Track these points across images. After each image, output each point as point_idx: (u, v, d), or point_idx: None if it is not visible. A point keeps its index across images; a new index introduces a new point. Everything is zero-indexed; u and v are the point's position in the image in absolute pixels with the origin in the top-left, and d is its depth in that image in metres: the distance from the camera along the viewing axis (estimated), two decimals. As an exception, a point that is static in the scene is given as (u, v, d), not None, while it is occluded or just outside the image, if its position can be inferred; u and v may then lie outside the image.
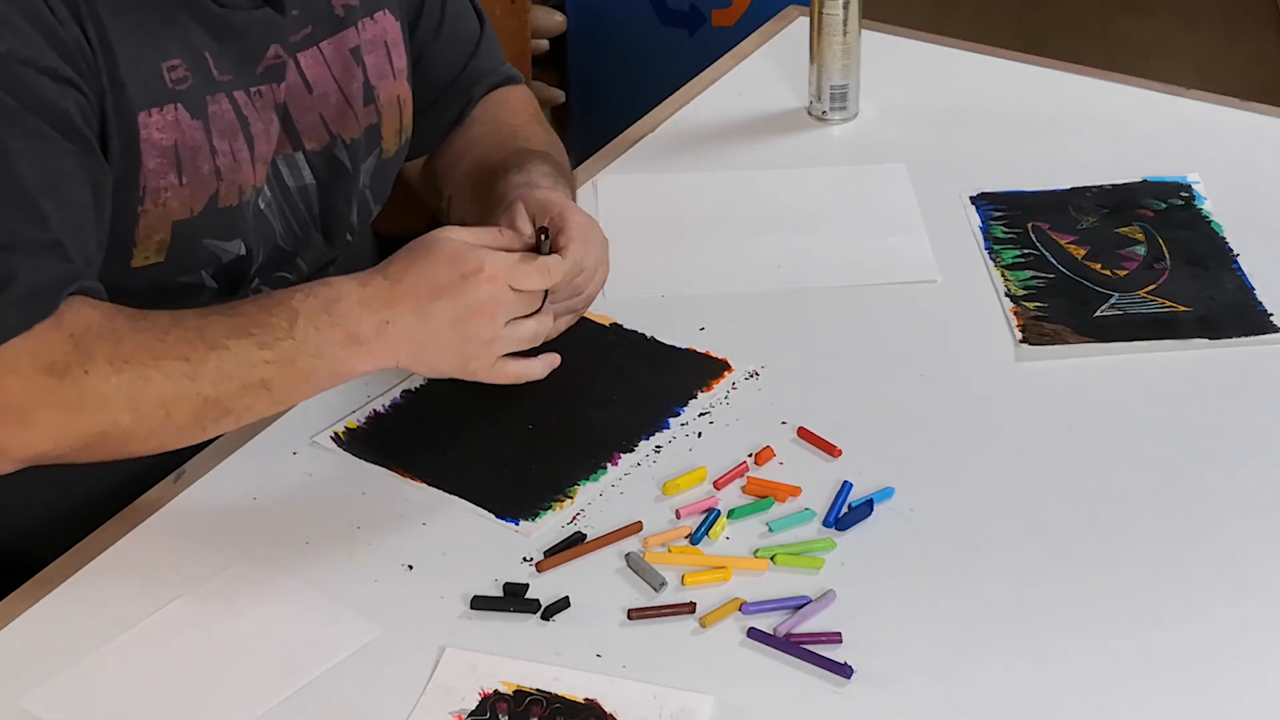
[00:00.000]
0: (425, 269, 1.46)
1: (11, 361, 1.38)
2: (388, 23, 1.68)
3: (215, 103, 1.53)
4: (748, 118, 2.07)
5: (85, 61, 1.44)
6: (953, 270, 1.80)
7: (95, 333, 1.40)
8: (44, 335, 1.39)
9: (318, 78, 1.61)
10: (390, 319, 1.44)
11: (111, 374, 1.39)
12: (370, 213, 1.73)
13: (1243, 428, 1.60)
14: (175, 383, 1.40)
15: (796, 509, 1.50)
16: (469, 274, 1.46)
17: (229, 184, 1.55)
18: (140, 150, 1.49)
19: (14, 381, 1.38)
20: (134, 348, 1.40)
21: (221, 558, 1.46)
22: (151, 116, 1.49)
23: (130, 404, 1.40)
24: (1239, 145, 2.00)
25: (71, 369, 1.39)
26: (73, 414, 1.39)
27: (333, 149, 1.64)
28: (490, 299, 1.46)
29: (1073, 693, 1.34)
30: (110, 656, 1.37)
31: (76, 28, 1.44)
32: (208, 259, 1.56)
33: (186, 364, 1.40)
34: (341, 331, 1.44)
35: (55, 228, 1.41)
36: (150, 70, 1.48)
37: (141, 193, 1.50)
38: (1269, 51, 4.08)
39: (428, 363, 1.49)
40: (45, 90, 1.41)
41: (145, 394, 1.40)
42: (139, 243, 1.51)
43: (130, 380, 1.39)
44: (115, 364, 1.39)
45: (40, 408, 1.39)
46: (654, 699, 1.33)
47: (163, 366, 1.40)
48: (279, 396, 1.45)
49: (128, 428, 1.41)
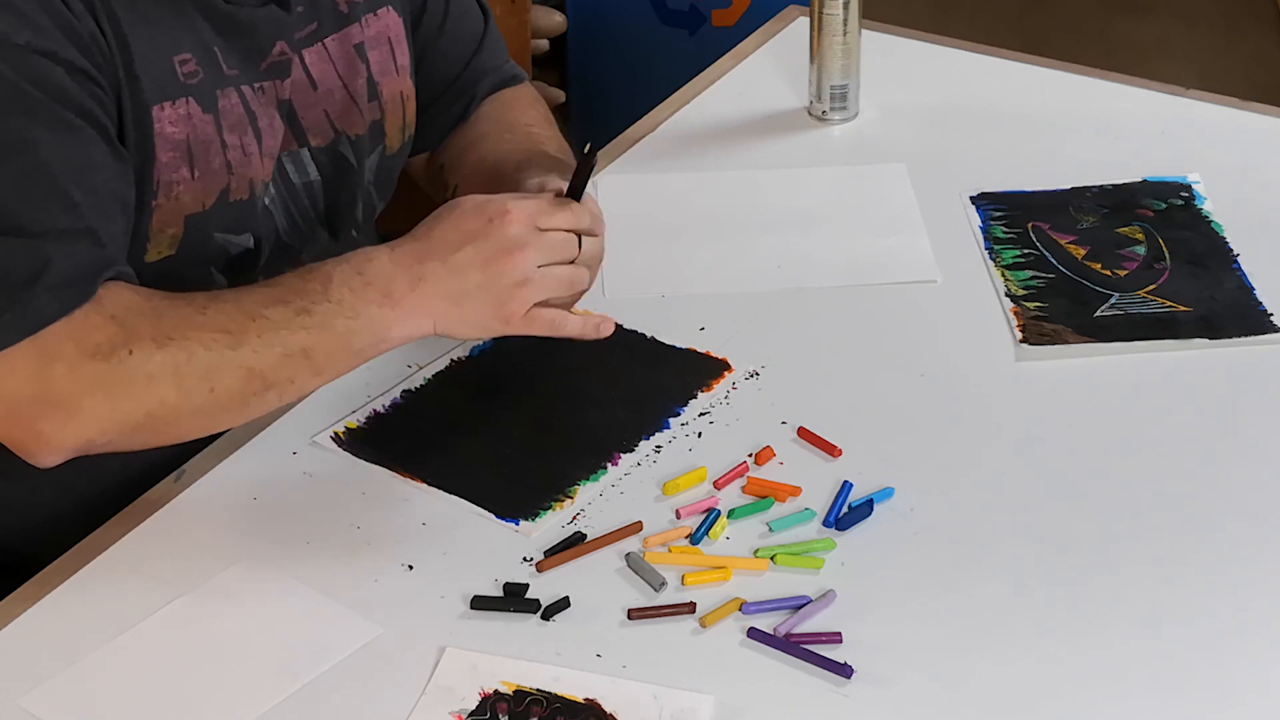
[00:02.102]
0: (451, 221, 1.46)
1: (55, 348, 1.38)
2: (391, 19, 1.68)
3: (225, 97, 1.53)
4: (748, 118, 2.07)
5: (101, 55, 1.45)
6: (953, 270, 1.80)
7: (136, 312, 1.41)
8: (86, 319, 1.39)
9: (322, 74, 1.61)
10: (422, 275, 1.44)
11: (155, 351, 1.39)
12: (375, 209, 1.73)
13: (1243, 428, 1.60)
14: (218, 354, 1.40)
15: (796, 509, 1.50)
16: (494, 217, 1.45)
17: (239, 178, 1.55)
18: (154, 144, 1.49)
19: (59, 368, 1.38)
20: (175, 322, 1.40)
21: (221, 558, 1.46)
22: (164, 110, 1.49)
23: (175, 379, 1.39)
24: (1239, 145, 2.00)
25: (116, 349, 1.38)
26: (119, 396, 1.39)
27: (338, 145, 1.64)
28: (518, 239, 1.45)
29: (1073, 692, 1.34)
30: (110, 656, 1.37)
31: (91, 21, 1.44)
32: (217, 253, 1.56)
33: (228, 335, 1.40)
34: (375, 290, 1.43)
35: (86, 214, 1.41)
36: (162, 64, 1.49)
37: (155, 187, 1.50)
38: (1269, 51, 4.08)
39: (463, 318, 1.46)
40: (65, 81, 1.41)
41: (189, 368, 1.39)
42: (153, 237, 1.52)
43: (174, 355, 1.39)
44: (158, 340, 1.39)
45: (86, 393, 1.38)
46: (654, 699, 1.33)
47: (205, 339, 1.40)
48: (320, 364, 1.44)
49: (174, 405, 1.40)
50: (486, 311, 1.46)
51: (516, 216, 1.45)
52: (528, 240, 1.45)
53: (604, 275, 1.76)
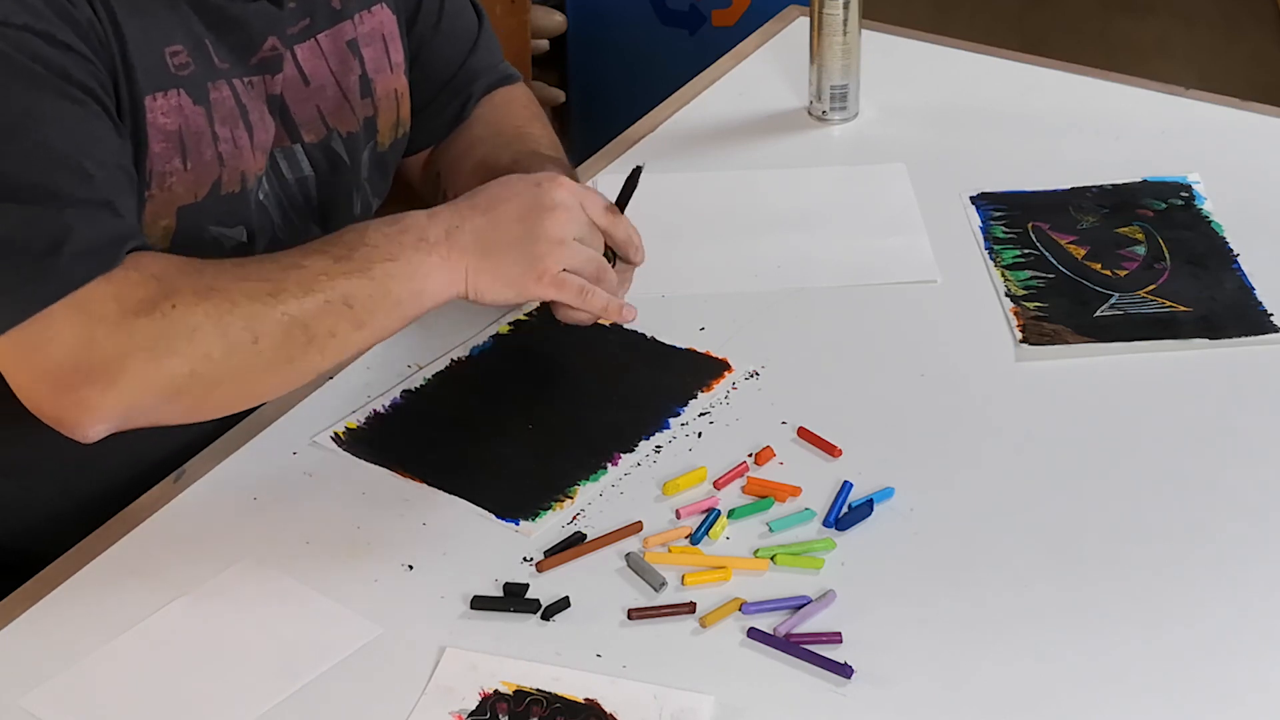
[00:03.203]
0: (497, 184, 1.48)
1: (99, 308, 1.37)
2: (384, 16, 1.68)
3: (217, 89, 1.53)
4: (748, 118, 2.07)
5: (98, 40, 1.45)
6: (953, 270, 1.80)
7: (176, 269, 1.41)
8: (126, 278, 1.39)
9: (314, 70, 1.62)
10: (459, 223, 1.45)
11: (197, 302, 1.39)
12: (371, 206, 1.73)
13: (1243, 428, 1.60)
14: (260, 304, 1.40)
15: (796, 509, 1.50)
16: (543, 181, 1.47)
17: (231, 170, 1.55)
18: (147, 134, 1.49)
19: (102, 329, 1.37)
20: (216, 275, 1.41)
21: (221, 558, 1.46)
22: (156, 100, 1.49)
23: (219, 330, 1.39)
24: (1239, 145, 2.00)
25: (159, 304, 1.38)
26: (163, 352, 1.38)
27: (330, 141, 1.64)
28: (563, 203, 1.46)
29: (1072, 692, 1.34)
30: (110, 656, 1.37)
31: (88, 8, 1.44)
32: (211, 246, 1.56)
33: (269, 283, 1.41)
34: (411, 235, 1.44)
35: (101, 186, 1.41)
36: (154, 55, 1.49)
37: (148, 177, 1.50)
38: (1269, 51, 4.08)
39: (495, 271, 1.46)
40: (65, 60, 1.41)
41: (233, 317, 1.39)
42: (146, 228, 1.52)
43: (217, 305, 1.39)
44: (200, 292, 1.39)
45: (130, 353, 1.37)
46: (654, 699, 1.33)
47: (246, 289, 1.40)
48: (361, 315, 1.43)
49: (219, 360, 1.39)
50: (519, 267, 1.46)
51: (565, 184, 1.47)
52: (570, 206, 1.47)
53: (604, 275, 1.76)
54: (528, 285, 1.47)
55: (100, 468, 1.49)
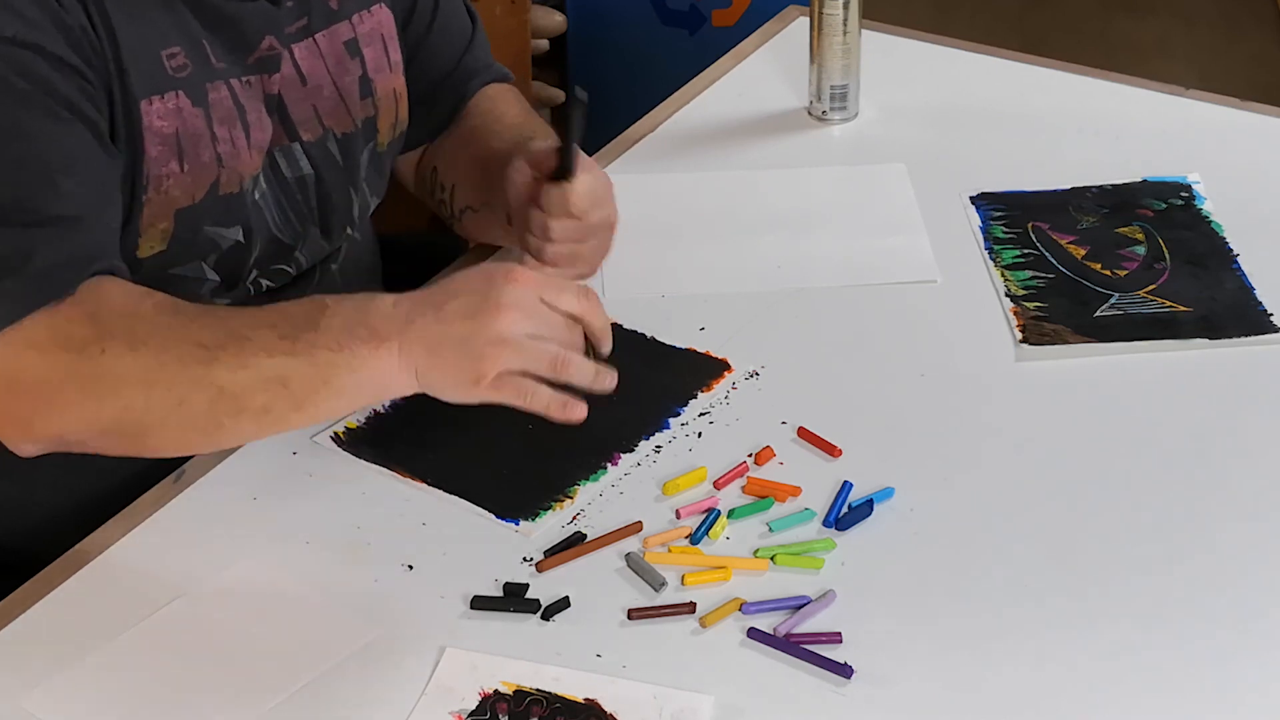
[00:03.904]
0: (459, 277, 1.39)
1: (31, 336, 1.38)
2: (383, 16, 1.68)
3: (215, 90, 1.53)
4: (748, 118, 2.07)
5: (91, 48, 1.45)
6: (953, 270, 1.80)
7: (116, 312, 1.40)
8: (65, 312, 1.38)
9: (312, 69, 1.62)
10: (413, 318, 1.36)
11: (126, 352, 1.37)
12: (369, 206, 1.73)
13: (1243, 428, 1.60)
14: (189, 368, 1.36)
15: (796, 509, 1.50)
16: (495, 274, 1.37)
17: (229, 171, 1.55)
18: (143, 138, 1.49)
19: (34, 356, 1.37)
20: (152, 329, 1.38)
21: (221, 558, 1.46)
22: (153, 104, 1.49)
23: (143, 385, 1.36)
24: (1239, 145, 2.00)
25: (89, 346, 1.37)
26: (89, 392, 1.38)
27: (325, 142, 1.64)
28: (511, 300, 1.35)
29: (1072, 692, 1.34)
30: (110, 656, 1.37)
31: (82, 14, 1.44)
32: (208, 246, 1.56)
33: (204, 350, 1.36)
34: (366, 329, 1.35)
35: (75, 205, 1.41)
36: (151, 58, 1.49)
37: (145, 181, 1.50)
38: (1269, 51, 4.08)
39: (439, 369, 1.36)
40: (52, 75, 1.41)
41: (159, 376, 1.36)
42: (144, 232, 1.52)
43: (145, 361, 1.36)
44: (131, 343, 1.37)
45: (61, 384, 1.38)
46: (654, 699, 1.33)
47: (179, 351, 1.36)
48: (299, 397, 1.37)
49: (141, 412, 1.37)
50: (459, 366, 1.36)
51: (520, 278, 1.37)
52: (522, 303, 1.36)
53: (604, 275, 1.76)
54: (466, 388, 1.37)
55: (100, 468, 1.48)
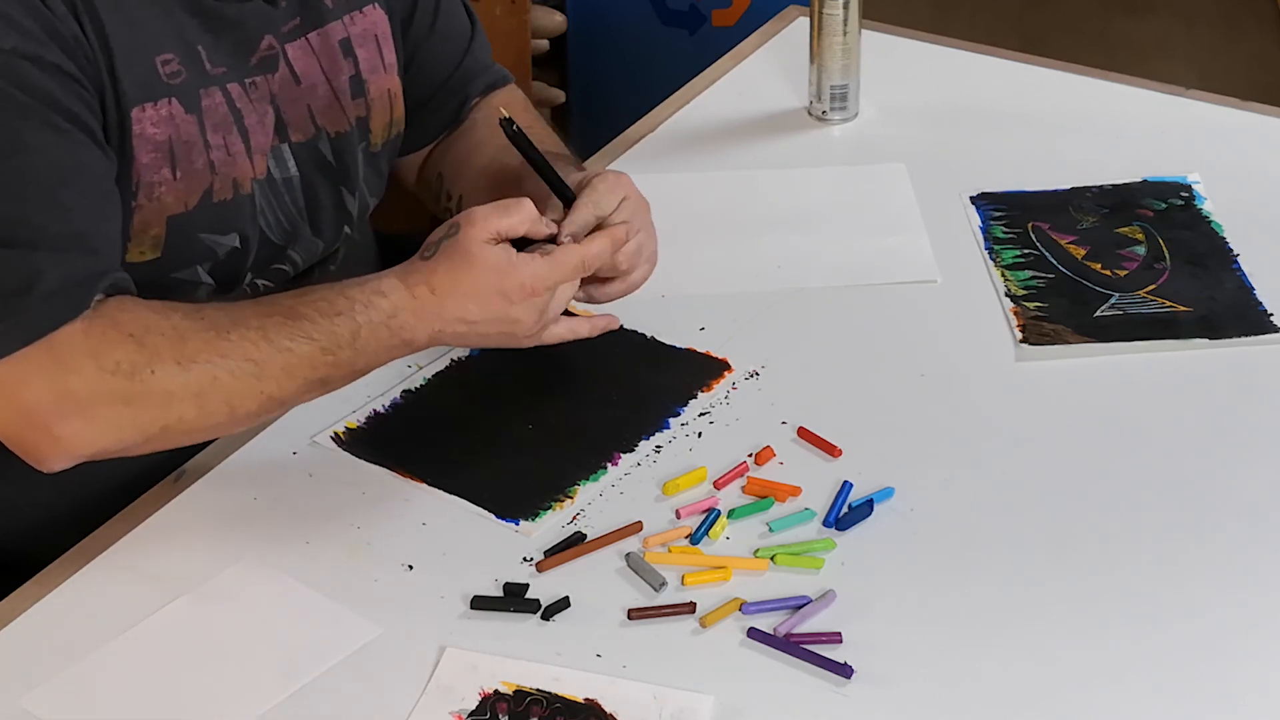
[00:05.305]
0: (468, 284, 1.47)
1: (69, 361, 1.38)
2: (377, 16, 1.68)
3: (209, 96, 1.53)
4: (748, 118, 2.07)
5: (85, 56, 1.45)
6: (953, 270, 1.80)
7: (156, 331, 1.41)
8: (103, 335, 1.39)
9: (306, 69, 1.61)
10: (441, 328, 1.48)
11: (179, 373, 1.41)
12: (368, 206, 1.73)
13: (1243, 428, 1.60)
14: (241, 381, 1.43)
15: (796, 509, 1.50)
16: (509, 292, 1.48)
17: (223, 178, 1.55)
18: (133, 146, 1.49)
19: (75, 379, 1.38)
20: (199, 346, 1.42)
21: (221, 558, 1.46)
22: (145, 111, 1.49)
23: (197, 400, 1.42)
24: (1239, 145, 2.00)
25: (139, 369, 1.40)
26: (138, 410, 1.40)
27: (316, 142, 1.64)
28: (530, 310, 1.49)
29: (1072, 692, 1.34)
30: (110, 656, 1.37)
31: (74, 22, 1.44)
32: (204, 254, 1.56)
33: (253, 365, 1.43)
34: (399, 340, 1.48)
35: (78, 219, 1.41)
36: (144, 65, 1.49)
37: (135, 188, 1.50)
38: (1269, 51, 4.08)
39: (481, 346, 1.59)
40: (51, 85, 1.41)
41: (212, 391, 1.42)
42: (134, 237, 1.52)
43: (198, 379, 1.41)
44: (182, 363, 1.41)
45: (106, 405, 1.39)
46: (654, 699, 1.33)
47: (230, 366, 1.42)
48: (333, 388, 1.50)
49: (192, 422, 1.43)
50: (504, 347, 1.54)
51: (530, 290, 1.49)
52: (540, 308, 1.50)
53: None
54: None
55: (100, 469, 1.48)
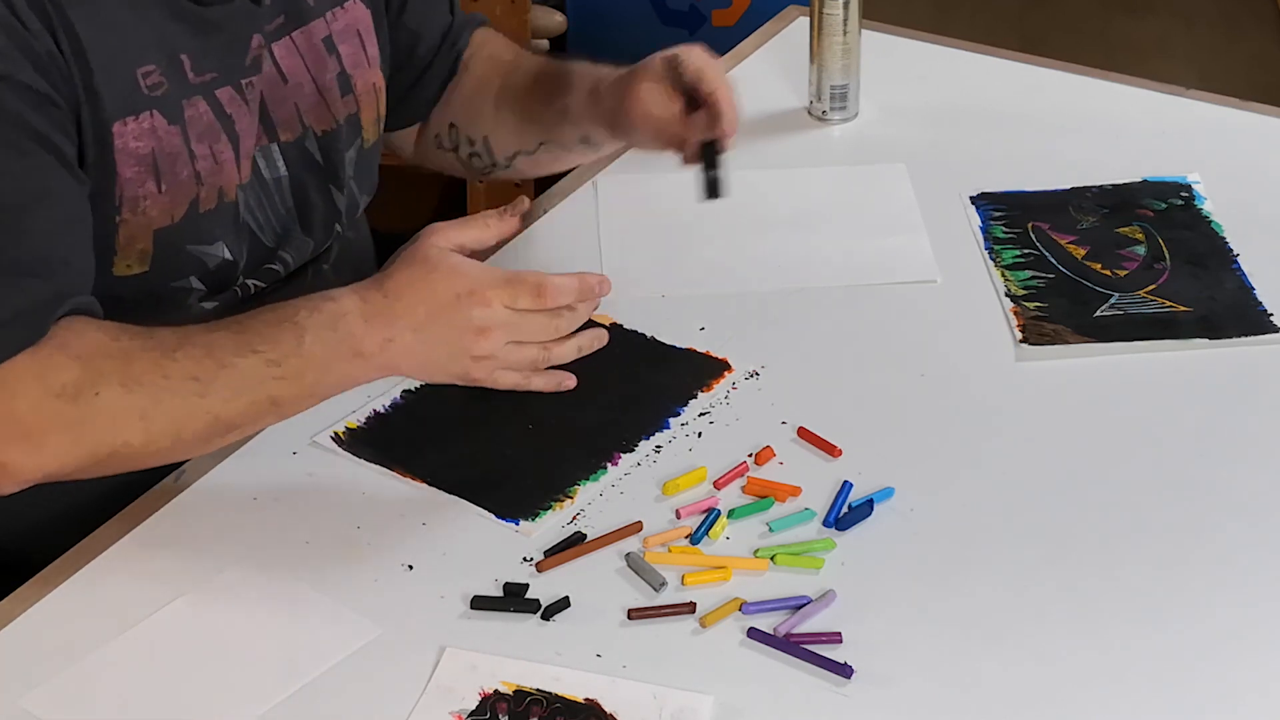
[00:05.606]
0: (422, 288, 1.47)
1: (15, 386, 1.38)
2: (358, 11, 1.67)
3: (192, 106, 1.52)
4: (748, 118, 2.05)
5: (60, 74, 1.43)
6: (953, 270, 1.80)
7: (103, 354, 1.40)
8: (50, 359, 1.39)
9: (292, 68, 1.61)
10: (392, 336, 1.46)
11: (124, 395, 1.40)
12: (358, 204, 1.73)
13: (1243, 428, 1.60)
14: (186, 401, 1.41)
15: (796, 509, 1.50)
16: (462, 295, 1.48)
17: (209, 187, 1.54)
18: (115, 160, 1.48)
19: (22, 404, 1.38)
20: (145, 367, 1.41)
21: (221, 558, 1.46)
22: (127, 125, 1.48)
23: (143, 424, 1.40)
24: (1239, 145, 2.00)
25: (83, 391, 1.39)
26: (84, 434, 1.40)
27: (303, 141, 1.63)
28: (485, 320, 1.49)
29: (1072, 692, 1.34)
30: (110, 656, 1.37)
31: (49, 38, 1.42)
32: (194, 266, 1.56)
33: (197, 383, 1.41)
34: (347, 347, 1.45)
35: (38, 244, 1.40)
36: (125, 78, 1.47)
37: (119, 202, 1.49)
38: (1269, 51, 4.08)
39: (429, 374, 1.54)
40: (21, 106, 1.40)
41: (157, 413, 1.41)
42: (119, 251, 1.51)
43: (142, 400, 1.40)
44: (127, 385, 1.40)
45: (51, 430, 1.39)
46: (654, 699, 1.33)
47: (174, 386, 1.41)
48: (286, 410, 1.47)
49: (139, 446, 1.41)
50: (451, 375, 1.53)
51: (482, 298, 1.48)
52: (495, 321, 1.49)
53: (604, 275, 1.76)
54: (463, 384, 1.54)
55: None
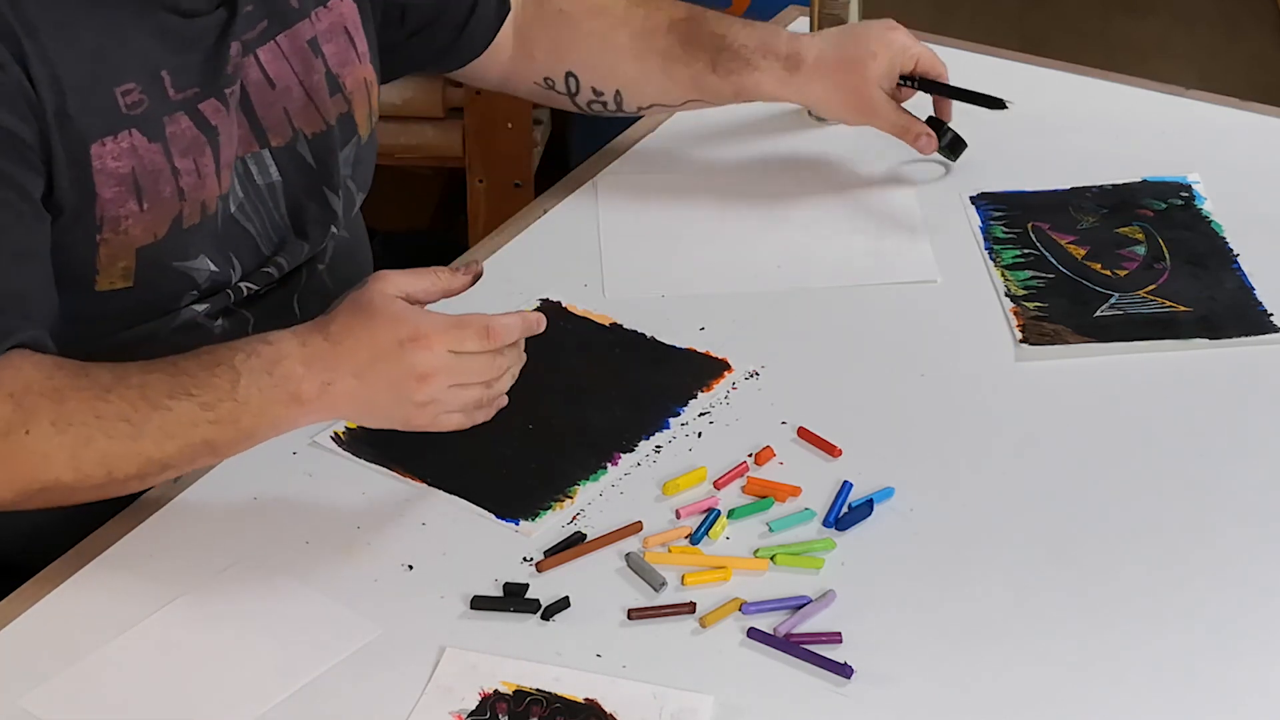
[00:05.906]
0: (364, 334, 1.42)
1: None
2: (345, 8, 1.66)
3: (173, 122, 1.51)
4: (748, 118, 2.06)
5: (27, 103, 1.42)
6: (953, 270, 1.80)
7: (36, 391, 1.39)
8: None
9: (278, 72, 1.60)
10: (331, 380, 1.41)
11: (54, 434, 1.38)
12: (354, 203, 1.72)
13: (1243, 428, 1.60)
14: (118, 442, 1.39)
15: (796, 509, 1.50)
16: (405, 340, 1.41)
17: (192, 202, 1.53)
18: (94, 181, 1.47)
19: None
20: (76, 407, 1.39)
21: (221, 558, 1.46)
22: (105, 146, 1.47)
23: (72, 463, 1.39)
24: (1239, 145, 2.00)
25: (13, 429, 1.38)
26: (14, 471, 1.39)
27: (295, 144, 1.62)
28: (427, 365, 1.41)
29: (1072, 692, 1.34)
30: (110, 656, 1.37)
31: (17, 67, 1.41)
32: (185, 283, 1.55)
33: (129, 425, 1.39)
34: (284, 391, 1.41)
35: None
36: (103, 98, 1.47)
37: (99, 223, 1.48)
38: (1269, 51, 4.08)
39: (371, 419, 1.47)
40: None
41: (88, 453, 1.39)
42: (101, 270, 1.50)
43: (73, 440, 1.39)
44: (58, 425, 1.39)
45: None
46: (654, 699, 1.33)
47: (105, 427, 1.39)
48: (223, 452, 1.45)
49: (70, 483, 1.40)
50: (393, 421, 1.45)
51: (425, 342, 1.41)
52: (436, 365, 1.42)
53: (604, 275, 1.76)
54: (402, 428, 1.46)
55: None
